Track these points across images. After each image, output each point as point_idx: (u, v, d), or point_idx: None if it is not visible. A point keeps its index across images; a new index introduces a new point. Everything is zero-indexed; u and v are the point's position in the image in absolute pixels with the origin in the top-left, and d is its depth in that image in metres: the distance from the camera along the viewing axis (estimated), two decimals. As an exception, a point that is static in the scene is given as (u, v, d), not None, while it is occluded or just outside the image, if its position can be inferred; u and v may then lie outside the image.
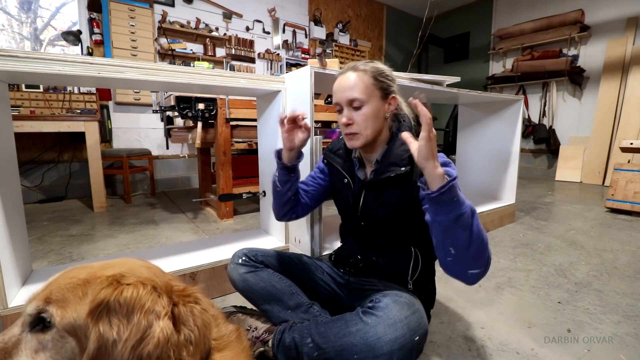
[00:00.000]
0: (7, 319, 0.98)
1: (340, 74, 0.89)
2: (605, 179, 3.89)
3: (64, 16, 3.40)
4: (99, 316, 0.43)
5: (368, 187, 0.91)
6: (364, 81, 0.84)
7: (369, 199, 0.91)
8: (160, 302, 0.45)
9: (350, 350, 0.72)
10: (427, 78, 1.72)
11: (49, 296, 0.46)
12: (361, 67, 0.86)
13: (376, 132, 0.87)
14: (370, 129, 0.85)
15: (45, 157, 3.09)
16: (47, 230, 2.19)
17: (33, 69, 0.95)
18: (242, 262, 0.98)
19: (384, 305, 0.76)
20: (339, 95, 0.86)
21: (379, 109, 0.86)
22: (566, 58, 4.24)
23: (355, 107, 0.84)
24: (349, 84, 0.84)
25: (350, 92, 0.84)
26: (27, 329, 0.46)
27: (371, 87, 0.84)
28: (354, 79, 0.84)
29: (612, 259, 1.67)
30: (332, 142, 1.06)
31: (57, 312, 0.44)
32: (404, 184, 0.85)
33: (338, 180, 1.00)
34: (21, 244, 1.17)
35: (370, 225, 0.92)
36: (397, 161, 0.84)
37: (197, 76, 1.22)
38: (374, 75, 0.85)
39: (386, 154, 0.87)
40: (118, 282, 0.45)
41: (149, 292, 0.45)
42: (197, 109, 2.17)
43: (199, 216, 2.56)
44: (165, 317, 0.44)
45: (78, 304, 0.44)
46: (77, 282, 0.46)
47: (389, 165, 0.85)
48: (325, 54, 4.87)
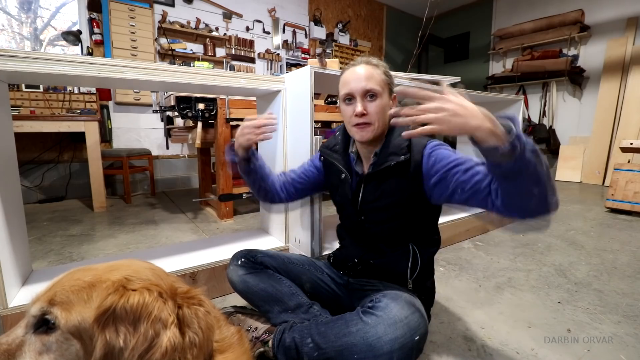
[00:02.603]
0: (7, 319, 0.98)
1: (353, 65, 0.90)
2: (605, 179, 3.88)
3: (64, 16, 3.40)
4: (106, 323, 0.42)
5: (367, 179, 0.91)
6: (379, 75, 0.87)
7: (368, 191, 0.91)
8: (167, 308, 0.45)
9: (350, 350, 0.72)
10: (427, 78, 1.72)
11: (54, 298, 0.45)
12: (374, 62, 0.89)
13: (384, 126, 0.89)
14: (381, 121, 0.87)
15: (45, 157, 3.09)
16: (47, 230, 2.19)
17: (33, 69, 0.95)
18: (241, 263, 0.98)
19: (384, 305, 0.76)
20: (354, 85, 0.86)
21: (387, 104, 0.88)
22: (566, 58, 4.24)
23: (371, 98, 0.86)
24: (366, 75, 0.86)
25: (367, 82, 0.85)
26: (31, 330, 0.46)
27: (384, 82, 0.87)
28: (371, 70, 0.86)
29: (612, 259, 1.67)
30: (328, 139, 1.06)
31: (62, 314, 0.44)
32: (404, 173, 0.85)
33: (335, 177, 1.00)
34: (21, 244, 1.17)
35: (370, 219, 0.92)
36: (396, 150, 0.86)
37: (197, 76, 1.22)
38: (384, 72, 0.89)
39: (385, 146, 0.89)
40: (124, 288, 0.45)
41: (155, 298, 0.45)
42: (197, 109, 2.17)
43: (199, 216, 2.56)
44: (172, 325, 0.44)
45: (83, 307, 0.44)
46: (82, 284, 0.46)
47: (388, 155, 0.87)
48: (325, 54, 4.87)
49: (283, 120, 1.45)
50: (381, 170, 0.87)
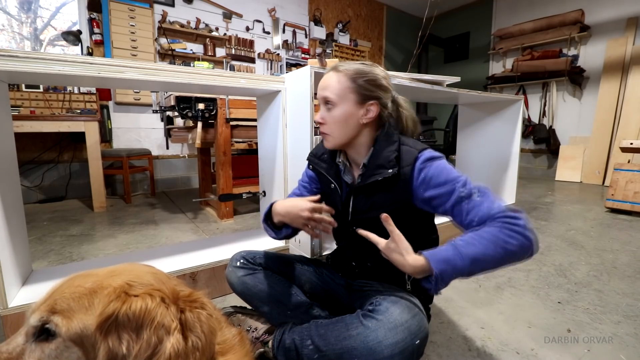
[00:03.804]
0: (7, 319, 0.98)
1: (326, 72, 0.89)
2: (605, 179, 3.88)
3: (64, 16, 3.40)
4: (108, 330, 0.42)
5: (357, 191, 0.88)
6: (340, 82, 0.83)
7: (359, 203, 0.89)
8: (169, 314, 0.44)
9: (350, 354, 0.71)
10: (427, 78, 1.72)
11: (54, 306, 0.45)
12: (341, 68, 0.84)
13: (347, 137, 0.85)
14: (338, 132, 0.84)
15: (45, 157, 3.09)
16: (47, 230, 2.19)
17: (33, 69, 0.95)
18: (240, 264, 0.98)
19: (384, 308, 0.76)
20: (318, 93, 0.87)
21: (352, 113, 0.83)
22: (566, 58, 4.24)
23: (328, 107, 0.84)
24: (325, 83, 0.85)
25: (323, 91, 0.84)
26: (32, 339, 0.46)
27: (346, 89, 0.82)
28: (331, 79, 0.84)
29: (612, 259, 1.67)
30: (316, 146, 1.02)
31: (63, 322, 0.43)
32: (392, 186, 0.83)
33: (325, 186, 0.97)
34: (21, 244, 1.17)
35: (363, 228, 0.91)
36: (384, 163, 0.82)
37: (197, 76, 1.22)
38: (352, 78, 0.82)
39: (372, 157, 0.85)
40: (126, 294, 0.45)
41: (158, 304, 0.44)
42: (197, 109, 2.17)
43: (199, 216, 2.56)
44: (175, 331, 0.43)
45: (84, 314, 0.44)
46: (82, 291, 0.45)
47: (375, 168, 0.83)
48: (325, 54, 4.87)
49: (283, 120, 1.45)
50: (369, 184, 0.85)
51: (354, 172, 0.92)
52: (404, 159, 0.81)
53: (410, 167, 0.80)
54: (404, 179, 0.81)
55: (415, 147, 0.82)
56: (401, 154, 0.82)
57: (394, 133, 0.86)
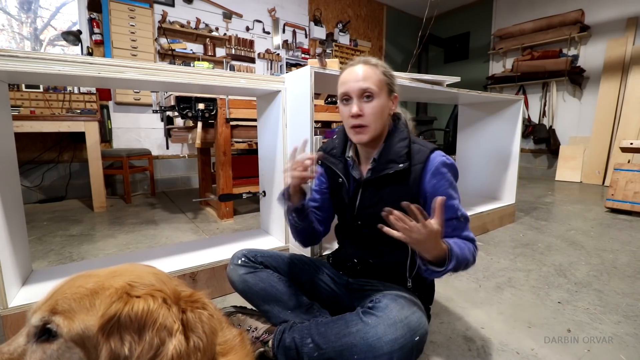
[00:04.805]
0: (7, 319, 0.98)
1: (351, 65, 0.88)
2: (605, 179, 3.89)
3: (64, 16, 3.40)
4: (110, 332, 0.42)
5: (365, 185, 0.90)
6: (377, 74, 0.85)
7: (366, 197, 0.91)
8: (171, 315, 0.44)
9: (350, 351, 0.72)
10: (427, 78, 1.72)
11: (55, 306, 0.45)
12: (373, 62, 0.87)
13: (381, 128, 0.87)
14: (378, 123, 0.86)
15: (45, 157, 3.09)
16: (47, 230, 2.19)
17: (33, 69, 0.95)
18: (241, 263, 0.98)
19: (384, 305, 0.76)
20: (351, 85, 0.85)
21: (386, 104, 0.87)
22: (566, 58, 4.24)
23: (367, 98, 0.84)
24: (363, 74, 0.84)
25: (363, 82, 0.84)
26: (33, 339, 0.45)
27: (382, 81, 0.86)
28: (368, 70, 0.85)
29: (612, 259, 1.67)
30: (326, 142, 1.04)
31: (64, 322, 0.43)
32: (403, 180, 0.85)
33: (333, 181, 0.99)
34: (21, 244, 1.17)
35: (367, 224, 0.91)
36: (395, 158, 0.85)
37: (197, 76, 1.22)
38: (383, 72, 0.87)
39: (384, 152, 0.88)
40: (128, 295, 0.44)
41: (160, 305, 0.44)
42: (197, 109, 2.17)
43: (199, 216, 2.56)
44: (178, 333, 0.43)
45: (86, 315, 0.44)
46: (84, 292, 0.45)
47: (387, 163, 0.86)
48: (325, 54, 4.87)
49: (283, 120, 1.45)
50: (380, 177, 0.87)
51: (362, 168, 0.94)
52: (415, 157, 0.85)
53: (421, 165, 0.84)
54: (414, 176, 0.84)
55: (426, 146, 0.86)
56: (412, 151, 0.85)
57: (405, 129, 0.90)
